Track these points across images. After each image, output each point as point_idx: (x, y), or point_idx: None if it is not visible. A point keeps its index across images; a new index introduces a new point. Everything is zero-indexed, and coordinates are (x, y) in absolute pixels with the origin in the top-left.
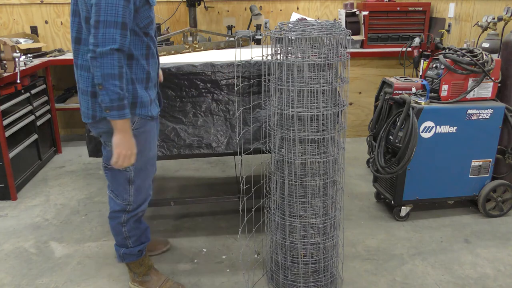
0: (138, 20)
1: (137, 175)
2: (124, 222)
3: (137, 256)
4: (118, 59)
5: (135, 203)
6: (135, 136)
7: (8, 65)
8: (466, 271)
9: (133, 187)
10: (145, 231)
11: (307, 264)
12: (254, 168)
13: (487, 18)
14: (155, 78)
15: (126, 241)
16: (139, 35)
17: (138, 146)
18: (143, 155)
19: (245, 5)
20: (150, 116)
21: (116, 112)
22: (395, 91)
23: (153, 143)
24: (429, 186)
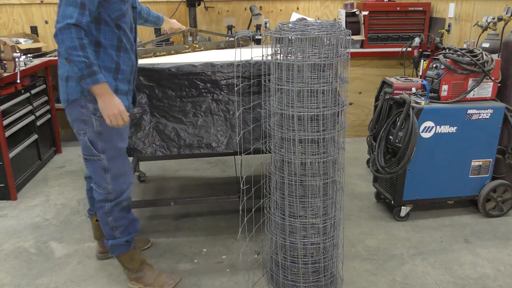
0: (109, 10)
1: (111, 162)
2: (108, 212)
3: (125, 247)
4: (76, 33)
5: (115, 191)
6: (101, 123)
7: (8, 65)
8: (466, 271)
9: (109, 175)
10: (133, 223)
11: (307, 264)
12: (254, 168)
13: (487, 18)
14: (127, 73)
15: (113, 231)
16: (110, 26)
17: (106, 133)
18: (112, 143)
19: (245, 5)
20: None
21: (89, 79)
22: (395, 91)
23: (123, 133)
24: (429, 186)
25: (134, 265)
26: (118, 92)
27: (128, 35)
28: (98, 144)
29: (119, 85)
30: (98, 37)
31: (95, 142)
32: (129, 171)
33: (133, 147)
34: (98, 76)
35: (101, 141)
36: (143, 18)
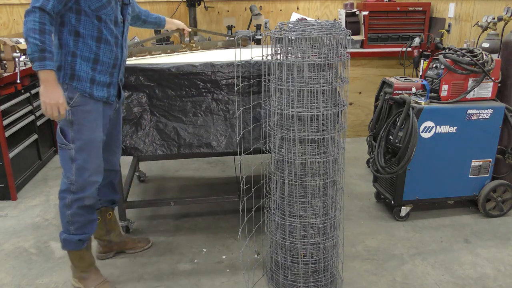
0: (89, 1)
1: (78, 153)
2: (68, 205)
3: (76, 245)
4: (39, 17)
5: (77, 183)
6: (73, 112)
7: (8, 65)
8: (466, 271)
9: (74, 165)
10: (91, 223)
11: (307, 264)
12: (254, 168)
13: (487, 18)
14: (108, 65)
15: (69, 226)
16: (90, 17)
17: (77, 124)
18: (82, 134)
19: (245, 5)
20: (88, 93)
21: (37, 63)
22: (395, 91)
23: (96, 126)
24: (429, 186)
25: (82, 264)
26: (95, 83)
27: (111, 28)
28: (68, 133)
29: (96, 76)
30: (78, 27)
31: (66, 131)
32: (97, 168)
33: (134, 146)
34: (47, 63)
35: (72, 130)
36: (141, 20)
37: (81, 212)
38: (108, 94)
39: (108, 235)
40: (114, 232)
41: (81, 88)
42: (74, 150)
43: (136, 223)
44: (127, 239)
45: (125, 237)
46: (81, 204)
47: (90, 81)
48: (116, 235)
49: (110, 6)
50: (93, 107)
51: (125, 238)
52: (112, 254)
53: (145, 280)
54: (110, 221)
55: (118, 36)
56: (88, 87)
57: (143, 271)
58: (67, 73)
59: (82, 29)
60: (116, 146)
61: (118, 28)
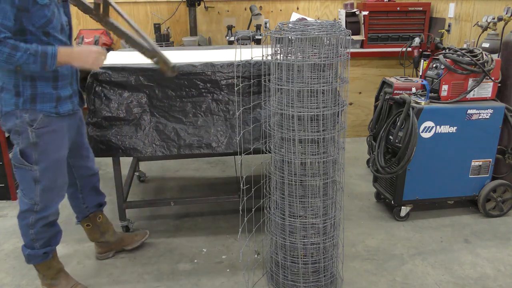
0: (33, 20)
1: (43, 174)
2: (31, 224)
3: (42, 258)
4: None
5: (42, 203)
6: (37, 134)
7: None
8: (466, 271)
9: (39, 187)
10: (56, 235)
11: (307, 264)
12: (254, 168)
13: (487, 18)
14: (67, 77)
15: (33, 243)
16: (36, 35)
17: (42, 145)
18: (48, 155)
19: (245, 5)
20: (55, 113)
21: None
22: (395, 91)
23: (62, 144)
24: (429, 186)
25: (50, 273)
26: (61, 100)
27: (59, 38)
28: (32, 155)
29: (60, 93)
30: None
31: (28, 153)
32: (62, 186)
33: (133, 147)
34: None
35: (36, 152)
36: None
37: (45, 229)
38: (72, 106)
39: (103, 236)
40: (108, 232)
41: (46, 110)
42: (38, 171)
43: (136, 223)
44: (123, 236)
45: (121, 235)
46: (45, 222)
47: (55, 100)
48: (111, 235)
49: (55, 17)
50: (58, 126)
51: (121, 235)
52: (111, 253)
53: (145, 280)
54: (101, 224)
55: (66, 42)
56: (54, 107)
57: (143, 271)
58: (27, 98)
59: None
60: (85, 150)
61: (64, 33)
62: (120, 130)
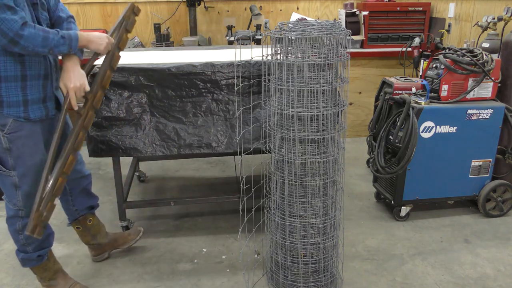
0: None
1: (22, 180)
2: (20, 230)
3: (37, 261)
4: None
5: (26, 208)
6: (11, 140)
7: None
8: (466, 271)
9: (20, 192)
10: (47, 237)
11: (307, 264)
12: (254, 168)
13: (487, 18)
14: (39, 78)
15: (25, 247)
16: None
17: (15, 151)
18: (24, 160)
19: (245, 5)
20: (24, 118)
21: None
22: (395, 91)
23: (37, 150)
24: (429, 186)
25: (47, 274)
26: (28, 104)
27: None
28: (8, 161)
29: (28, 95)
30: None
31: (4, 158)
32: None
33: (133, 147)
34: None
35: (11, 158)
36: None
37: None
38: (46, 111)
39: (95, 239)
40: (99, 234)
41: (14, 114)
42: (17, 177)
43: (136, 223)
44: (116, 236)
45: (114, 235)
46: None
47: (22, 103)
48: (102, 236)
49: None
50: (30, 131)
51: (113, 236)
52: (106, 254)
53: (145, 280)
54: (92, 227)
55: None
56: (22, 111)
57: (143, 271)
58: None
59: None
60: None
61: None
62: (120, 130)
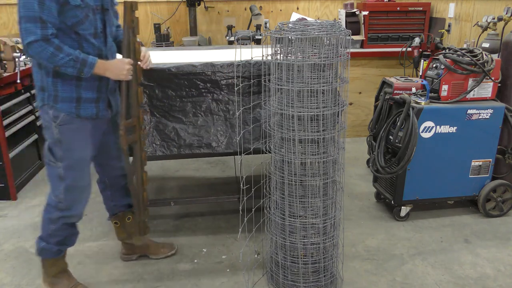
0: (65, 18)
1: (67, 172)
2: (53, 220)
3: (54, 254)
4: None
5: (66, 201)
6: (60, 131)
7: (8, 65)
8: (466, 271)
9: (63, 185)
10: (72, 236)
11: (307, 264)
12: (254, 168)
13: (487, 18)
14: (94, 80)
15: (50, 238)
16: (67, 33)
17: (65, 143)
18: (72, 153)
19: (245, 5)
20: (75, 114)
21: (86, 69)
22: (395, 91)
23: (85, 144)
24: (429, 186)
25: (53, 270)
26: (81, 101)
27: (91, 42)
28: (57, 152)
29: (82, 94)
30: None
31: (54, 149)
32: (86, 186)
33: None
34: (90, 60)
35: (60, 149)
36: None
37: (65, 228)
38: (96, 111)
39: (130, 238)
40: (136, 236)
41: (67, 109)
42: (62, 168)
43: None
44: (150, 243)
45: (148, 241)
46: (67, 221)
47: (76, 100)
48: (138, 238)
49: (87, 20)
50: (80, 126)
51: (148, 242)
52: (135, 256)
53: (145, 280)
54: (129, 225)
55: (101, 47)
56: (74, 107)
57: (143, 271)
58: (51, 94)
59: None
60: (117, 150)
61: (98, 39)
62: None
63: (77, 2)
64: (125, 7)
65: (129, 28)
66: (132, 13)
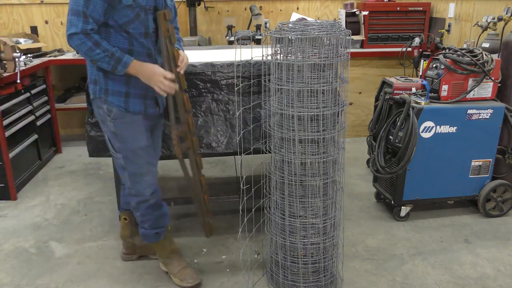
0: (116, 16)
1: (126, 162)
2: (135, 207)
3: (155, 238)
4: (84, 37)
5: (134, 188)
6: (115, 125)
7: (8, 65)
8: (466, 271)
9: (127, 173)
10: (161, 217)
11: (307, 264)
12: (254, 168)
13: (487, 18)
14: None
15: (143, 224)
16: (118, 31)
17: (120, 135)
18: (127, 145)
19: (245, 5)
20: (124, 108)
21: (119, 66)
22: (395, 91)
23: (139, 136)
24: (429, 186)
25: (164, 252)
26: (130, 97)
27: (141, 41)
28: (115, 144)
29: (131, 89)
30: (108, 40)
31: (112, 141)
32: (146, 172)
33: None
34: (125, 59)
35: (116, 141)
36: None
37: (149, 211)
38: (144, 107)
39: (132, 237)
40: (138, 235)
41: (116, 103)
42: (122, 159)
43: None
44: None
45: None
46: (147, 205)
47: (124, 95)
48: (140, 239)
49: (138, 20)
50: (132, 119)
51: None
52: (135, 257)
53: (145, 280)
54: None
55: (150, 47)
56: (123, 102)
57: (143, 271)
58: (102, 88)
59: (112, 42)
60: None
61: (149, 39)
62: None
63: (129, 2)
64: (158, 17)
65: (165, 38)
66: (166, 22)
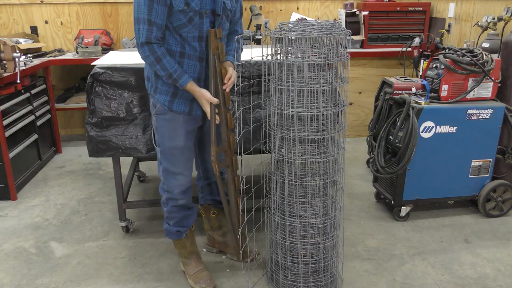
0: (172, 19)
1: (162, 157)
2: (164, 202)
3: (176, 235)
4: (148, 50)
5: (166, 184)
6: (156, 120)
7: (8, 65)
8: (466, 271)
9: (161, 167)
10: (187, 218)
11: (307, 264)
12: (254, 168)
13: (487, 18)
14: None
15: (168, 220)
16: (172, 34)
17: (160, 130)
18: (164, 140)
19: (245, 5)
20: (168, 107)
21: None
22: (395, 91)
23: (176, 135)
24: (429, 186)
25: (184, 252)
26: (177, 97)
27: (193, 45)
28: (156, 137)
29: (179, 90)
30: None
31: (155, 135)
32: (179, 172)
33: (133, 147)
34: (180, 82)
35: (157, 135)
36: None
37: (176, 210)
38: (190, 108)
39: (212, 231)
40: (217, 231)
41: (162, 102)
42: (159, 153)
43: (136, 223)
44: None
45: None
46: (175, 203)
47: (171, 95)
48: (219, 235)
49: (192, 24)
50: (173, 117)
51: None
52: (215, 250)
53: (145, 280)
54: (212, 220)
55: (203, 51)
56: (168, 101)
57: (143, 271)
58: (153, 85)
59: (165, 44)
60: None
61: (203, 42)
62: (120, 130)
63: (181, 7)
64: (209, 35)
65: (214, 55)
66: (217, 40)
